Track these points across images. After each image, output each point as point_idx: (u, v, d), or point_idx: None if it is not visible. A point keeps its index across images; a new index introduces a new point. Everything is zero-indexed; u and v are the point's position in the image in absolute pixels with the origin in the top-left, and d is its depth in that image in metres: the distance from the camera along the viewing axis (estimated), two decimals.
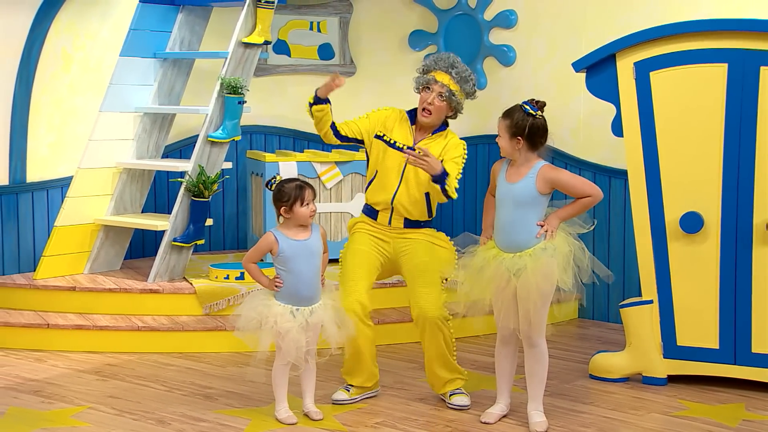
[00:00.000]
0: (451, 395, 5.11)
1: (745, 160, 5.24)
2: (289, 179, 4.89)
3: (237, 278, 6.44)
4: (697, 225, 5.34)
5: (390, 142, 5.10)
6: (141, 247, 7.42)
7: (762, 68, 5.17)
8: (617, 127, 5.48)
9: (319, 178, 6.90)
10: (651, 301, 5.46)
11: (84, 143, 6.76)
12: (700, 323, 5.40)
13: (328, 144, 5.54)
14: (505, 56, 7.27)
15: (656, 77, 5.36)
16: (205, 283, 6.44)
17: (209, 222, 6.73)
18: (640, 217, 5.46)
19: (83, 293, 6.40)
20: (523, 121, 4.66)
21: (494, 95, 7.17)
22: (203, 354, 6.07)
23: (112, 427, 4.81)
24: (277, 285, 4.80)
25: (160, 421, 4.90)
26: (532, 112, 4.67)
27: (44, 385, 5.45)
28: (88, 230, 6.79)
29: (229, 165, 6.83)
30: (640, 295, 5.55)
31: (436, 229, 5.22)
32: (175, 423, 4.87)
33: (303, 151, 7.35)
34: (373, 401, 5.19)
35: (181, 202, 6.55)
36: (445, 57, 5.09)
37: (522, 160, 4.72)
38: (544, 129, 4.70)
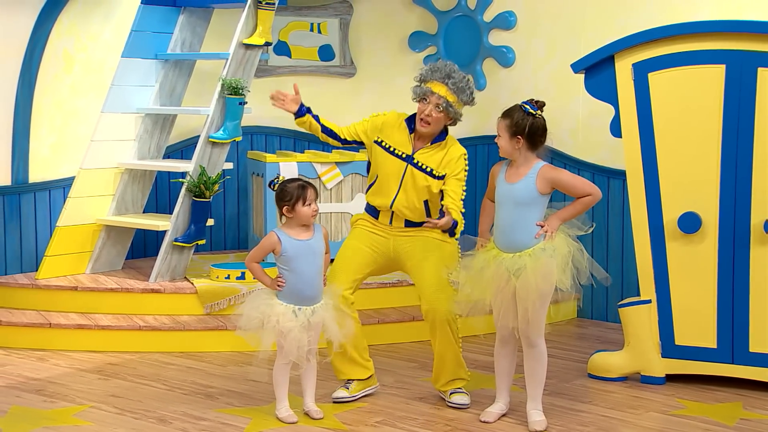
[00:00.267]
0: (451, 394, 5.12)
1: (743, 161, 5.25)
2: (291, 179, 4.90)
3: (238, 278, 6.46)
4: (695, 225, 5.35)
5: (389, 148, 5.08)
6: (142, 247, 7.43)
7: (759, 69, 5.17)
8: (616, 128, 5.48)
9: (319, 178, 6.90)
10: (649, 301, 5.47)
11: (86, 144, 6.77)
12: (698, 323, 5.41)
13: (328, 145, 5.56)
14: (505, 57, 7.28)
15: (654, 78, 5.36)
16: (206, 282, 6.45)
17: (210, 222, 6.74)
18: (638, 217, 5.46)
19: (85, 293, 6.41)
20: (523, 120, 4.66)
21: (493, 96, 7.17)
22: (204, 353, 6.08)
23: (114, 425, 4.83)
24: (279, 284, 4.82)
25: (162, 419, 4.91)
26: (532, 112, 4.67)
27: (46, 384, 5.47)
28: (89, 230, 6.80)
29: (230, 165, 6.84)
30: (639, 295, 5.56)
31: None
32: (177, 422, 4.88)
33: (303, 152, 7.34)
34: (373, 400, 5.21)
35: (182, 203, 6.56)
36: (442, 66, 5.00)
37: (522, 160, 4.72)
38: (543, 128, 4.71)
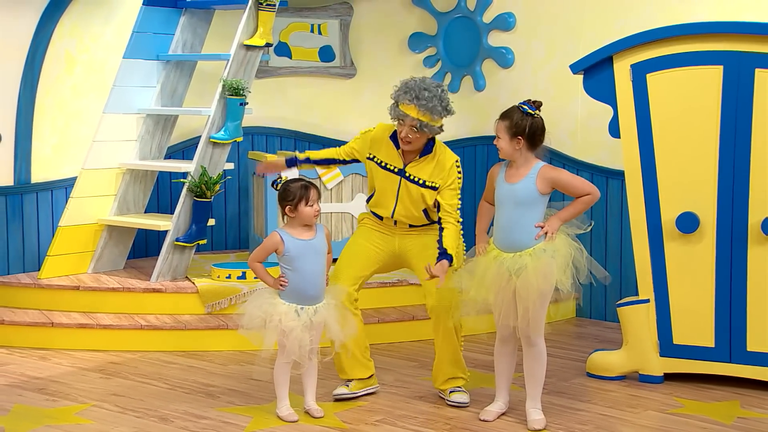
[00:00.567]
0: (451, 392, 5.14)
1: (741, 161, 5.26)
2: (294, 179, 4.92)
3: (239, 278, 6.47)
4: (693, 225, 5.37)
5: (381, 163, 5.09)
6: (144, 246, 7.45)
7: (757, 70, 5.18)
8: (614, 129, 5.49)
9: (320, 178, 6.91)
10: (647, 301, 5.48)
11: (88, 144, 6.79)
12: (696, 322, 5.42)
13: (328, 145, 5.59)
14: (504, 58, 7.28)
15: (653, 79, 5.37)
16: (208, 282, 6.46)
17: (211, 222, 6.76)
18: (636, 217, 5.47)
19: (87, 292, 6.43)
20: (522, 121, 4.68)
21: (493, 97, 7.18)
22: (205, 352, 6.09)
23: (116, 424, 4.84)
24: (282, 284, 4.83)
25: (163, 418, 4.92)
26: (531, 112, 4.69)
27: (48, 383, 5.48)
28: (91, 230, 6.81)
29: (230, 166, 6.86)
30: (637, 295, 5.56)
31: None
32: (178, 420, 4.89)
33: (304, 152, 7.35)
34: (373, 399, 5.22)
35: (183, 203, 6.58)
36: (413, 86, 4.90)
37: (521, 160, 4.73)
38: (543, 128, 4.73)
